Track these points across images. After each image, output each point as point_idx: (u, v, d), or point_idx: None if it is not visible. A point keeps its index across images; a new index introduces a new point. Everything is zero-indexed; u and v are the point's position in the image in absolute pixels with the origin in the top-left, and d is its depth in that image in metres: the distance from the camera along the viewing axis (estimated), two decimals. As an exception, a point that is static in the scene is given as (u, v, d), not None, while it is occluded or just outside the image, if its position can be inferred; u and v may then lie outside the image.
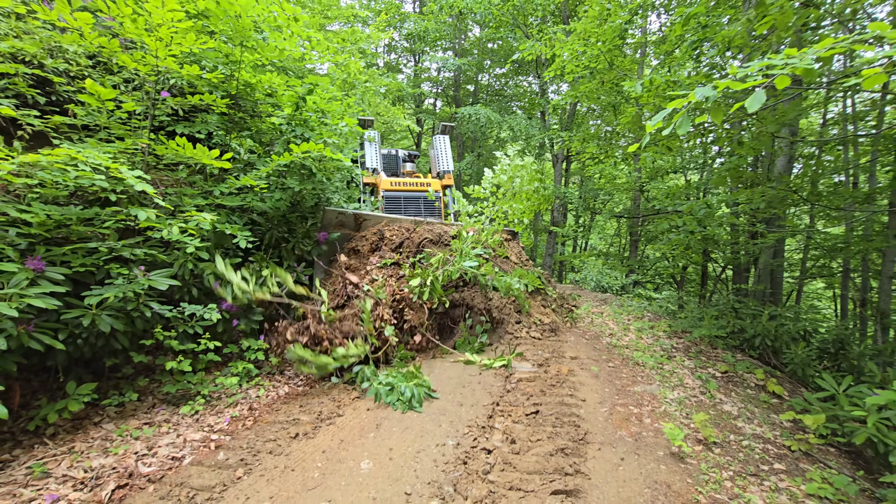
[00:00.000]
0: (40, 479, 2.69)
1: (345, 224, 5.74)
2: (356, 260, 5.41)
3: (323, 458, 2.97)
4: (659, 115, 1.96)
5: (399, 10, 21.25)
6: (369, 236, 5.61)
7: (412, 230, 5.71)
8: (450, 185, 8.01)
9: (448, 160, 8.26)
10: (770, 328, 6.51)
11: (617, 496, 2.66)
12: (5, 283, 2.74)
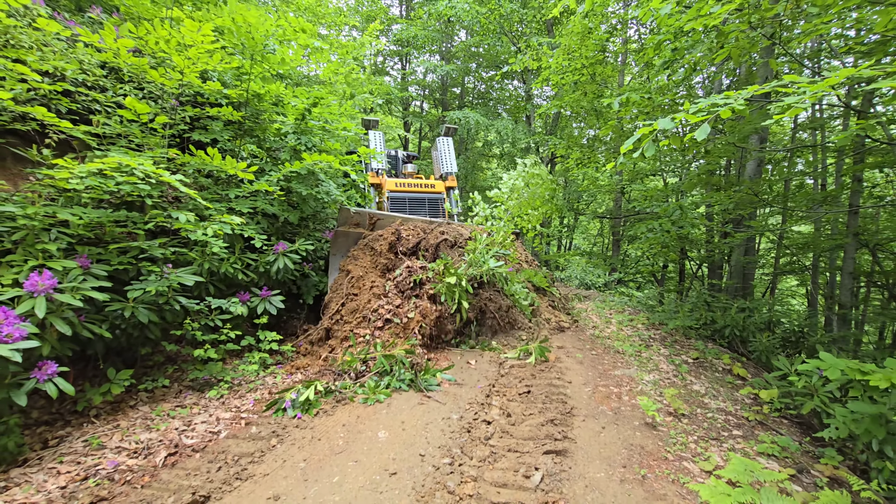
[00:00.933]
0: (98, 450, 3.06)
1: (360, 223, 5.93)
2: (371, 258, 5.64)
3: (344, 430, 3.39)
4: (630, 140, 2.44)
5: (387, 14, 21.63)
6: (387, 236, 5.70)
7: (428, 231, 5.78)
8: (453, 186, 8.10)
9: (451, 162, 8.31)
10: (739, 319, 7.10)
11: (599, 455, 3.14)
12: (63, 278, 3.10)
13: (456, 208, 7.72)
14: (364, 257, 5.67)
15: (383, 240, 5.66)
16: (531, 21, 14.50)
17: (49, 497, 2.53)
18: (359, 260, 5.63)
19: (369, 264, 5.61)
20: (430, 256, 5.57)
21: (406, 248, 5.56)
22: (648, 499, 2.67)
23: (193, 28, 3.66)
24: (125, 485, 2.70)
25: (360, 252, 5.71)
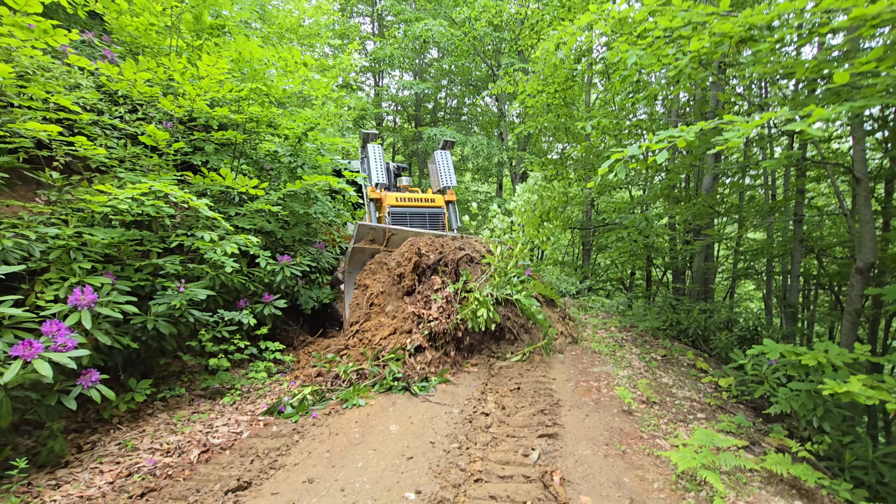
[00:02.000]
0: (132, 452, 3.31)
1: (375, 239, 5.98)
2: (388, 274, 5.65)
3: (357, 426, 3.75)
4: (605, 163, 2.96)
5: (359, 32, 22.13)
6: (408, 254, 5.58)
7: (446, 245, 5.69)
8: (452, 200, 7.95)
9: (451, 175, 8.12)
10: (701, 320, 7.79)
11: (585, 436, 3.60)
12: (99, 293, 3.37)
13: (456, 222, 7.73)
14: (381, 271, 5.67)
15: (405, 259, 5.54)
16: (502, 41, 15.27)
17: (101, 491, 2.79)
18: (376, 275, 5.70)
19: (387, 280, 5.55)
20: (449, 272, 5.51)
21: (426, 264, 5.50)
22: (628, 468, 3.15)
23: (211, 62, 4.01)
24: (168, 478, 2.98)
25: (376, 266, 5.75)
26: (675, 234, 10.78)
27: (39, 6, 3.02)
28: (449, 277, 5.46)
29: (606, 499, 2.77)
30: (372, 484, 2.84)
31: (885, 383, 2.81)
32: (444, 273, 5.49)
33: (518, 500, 2.67)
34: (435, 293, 5.22)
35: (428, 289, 5.32)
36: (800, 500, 3.00)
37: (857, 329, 7.53)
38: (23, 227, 3.09)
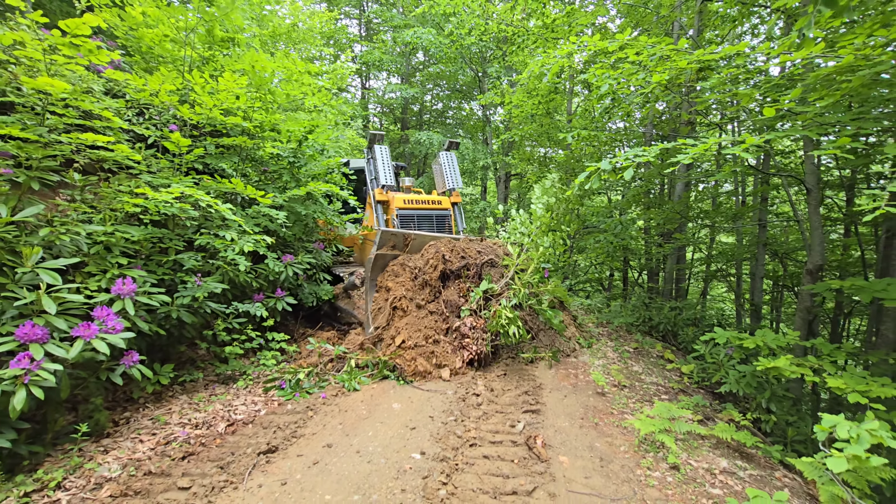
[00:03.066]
0: (164, 426, 3.72)
1: (396, 245, 6.08)
2: (410, 277, 5.73)
3: (363, 404, 4.21)
4: (582, 175, 3.50)
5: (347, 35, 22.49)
6: (432, 260, 5.65)
7: (468, 251, 5.76)
8: (458, 202, 7.92)
9: (456, 177, 8.00)
10: (671, 317, 8.45)
11: (563, 412, 4.14)
12: (139, 285, 3.77)
13: (462, 224, 7.80)
14: (403, 273, 5.74)
15: (429, 266, 5.59)
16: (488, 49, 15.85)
17: (146, 455, 3.21)
18: (399, 277, 5.76)
19: (411, 285, 5.63)
20: (472, 276, 5.61)
21: (450, 269, 5.59)
22: (599, 436, 3.69)
23: (232, 79, 4.44)
24: (201, 446, 3.41)
25: (399, 268, 5.85)
26: (649, 237, 11.49)
27: (89, 30, 3.41)
28: (472, 282, 5.55)
29: (581, 458, 3.30)
30: (383, 448, 3.32)
31: (808, 361, 3.41)
32: (467, 278, 5.59)
33: (507, 458, 3.18)
34: (463, 305, 5.32)
35: (453, 293, 5.43)
36: (741, 460, 3.58)
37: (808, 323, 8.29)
38: (72, 225, 3.47)
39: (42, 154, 3.37)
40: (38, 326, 2.79)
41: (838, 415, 2.35)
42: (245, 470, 2.98)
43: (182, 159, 5.11)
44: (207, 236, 4.57)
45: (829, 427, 2.23)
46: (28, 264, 3.00)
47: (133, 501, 2.64)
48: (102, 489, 2.74)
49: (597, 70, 4.49)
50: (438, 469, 2.99)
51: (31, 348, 2.70)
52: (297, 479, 2.88)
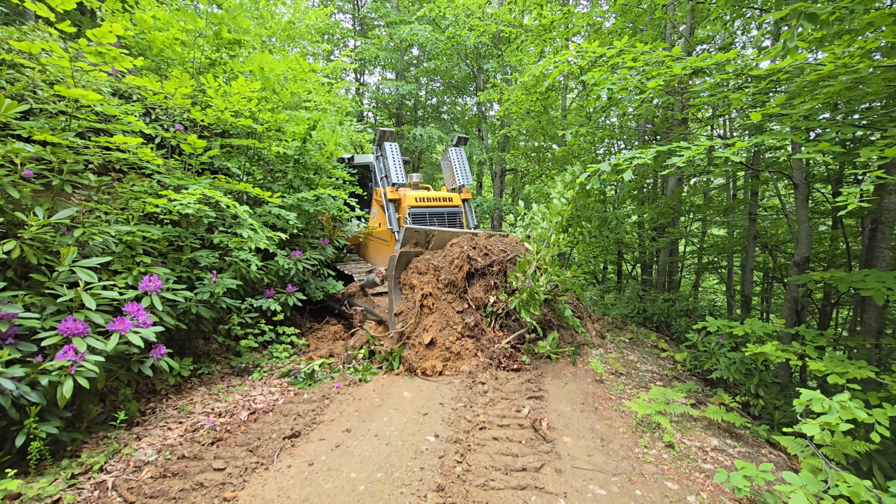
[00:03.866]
0: (189, 415, 3.93)
1: (418, 242, 6.10)
2: (434, 275, 5.75)
3: (376, 394, 4.44)
4: (583, 175, 3.73)
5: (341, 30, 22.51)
6: (457, 260, 5.64)
7: (492, 248, 5.76)
8: (468, 198, 7.92)
9: (466, 173, 7.96)
10: (664, 308, 8.75)
11: (565, 398, 4.39)
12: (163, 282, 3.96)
13: (473, 221, 7.79)
14: (429, 272, 5.73)
15: (455, 266, 5.60)
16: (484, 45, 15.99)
17: (177, 441, 3.42)
18: (424, 275, 5.76)
19: (435, 282, 5.66)
20: (496, 273, 5.63)
21: (475, 268, 5.64)
22: (599, 419, 3.95)
23: (245, 84, 4.61)
24: (228, 432, 3.62)
25: (423, 265, 5.83)
26: (643, 231, 11.78)
27: (114, 38, 3.57)
28: (497, 279, 5.59)
29: (583, 438, 3.55)
30: (399, 432, 3.55)
31: (793, 347, 3.68)
32: (492, 275, 5.64)
33: (514, 440, 3.43)
34: (490, 305, 5.42)
35: (479, 291, 5.51)
36: (730, 439, 3.85)
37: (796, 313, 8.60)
38: (101, 225, 3.65)
39: (73, 158, 3.54)
40: (80, 321, 2.98)
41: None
42: (273, 453, 3.20)
43: (196, 160, 5.28)
44: (223, 234, 4.76)
45: (805, 401, 2.48)
46: (65, 263, 3.18)
47: (173, 482, 2.85)
48: (143, 471, 2.96)
49: (596, 73, 4.71)
50: (453, 450, 3.23)
51: (75, 341, 2.90)
52: (322, 460, 3.11)
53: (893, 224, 6.30)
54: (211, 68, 6.08)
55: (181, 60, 5.82)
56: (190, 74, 5.55)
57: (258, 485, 2.81)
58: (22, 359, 2.88)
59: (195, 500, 2.64)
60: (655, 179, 12.18)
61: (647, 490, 2.89)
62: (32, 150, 3.30)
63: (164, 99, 4.87)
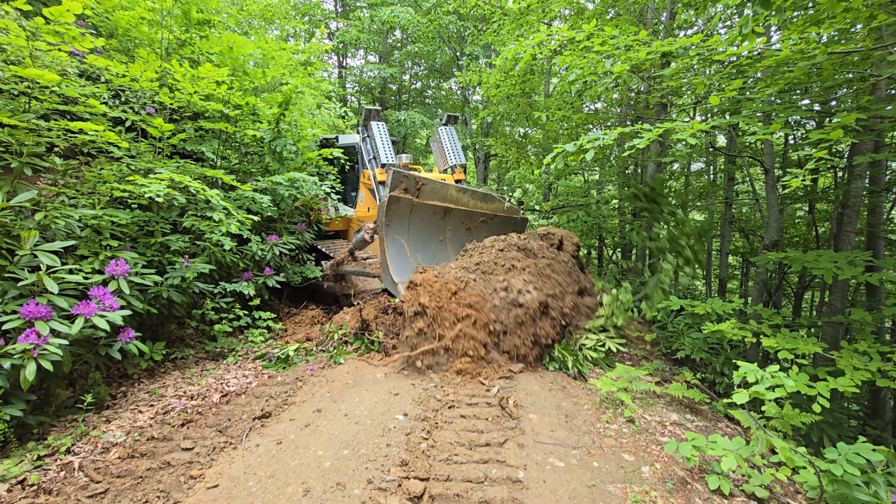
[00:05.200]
0: (160, 398, 3.95)
1: (408, 188, 5.72)
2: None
3: (349, 375, 4.51)
4: (550, 156, 3.78)
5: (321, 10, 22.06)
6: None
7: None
8: (462, 179, 7.49)
9: (458, 153, 7.56)
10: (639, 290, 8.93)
11: (534, 378, 4.51)
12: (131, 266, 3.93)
13: None
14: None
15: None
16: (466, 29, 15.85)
17: (147, 423, 3.45)
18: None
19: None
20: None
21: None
22: (566, 397, 4.07)
23: (213, 69, 4.54)
24: (199, 414, 3.66)
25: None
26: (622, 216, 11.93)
27: (72, 17, 3.49)
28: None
29: (548, 415, 3.67)
30: (368, 411, 3.62)
31: (750, 326, 3.82)
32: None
33: (482, 417, 3.53)
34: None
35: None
36: (690, 414, 4.01)
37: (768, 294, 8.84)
38: (64, 209, 3.61)
39: (33, 140, 3.48)
40: (42, 305, 2.97)
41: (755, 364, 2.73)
42: (242, 433, 3.25)
43: (164, 143, 5.21)
44: (194, 219, 4.73)
45: (742, 373, 2.61)
46: (27, 247, 3.15)
47: (140, 462, 2.89)
48: (110, 452, 2.99)
49: (567, 57, 4.73)
50: (420, 427, 3.31)
51: (37, 325, 2.89)
52: (291, 439, 3.17)
53: (859, 208, 6.51)
54: (180, 48, 5.95)
55: (149, 41, 5.68)
56: (158, 55, 5.43)
57: (225, 463, 2.86)
58: (-18, 343, 2.87)
59: (161, 479, 2.69)
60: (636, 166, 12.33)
61: (604, 462, 3.01)
62: (-11, 131, 3.24)
63: (130, 81, 4.77)
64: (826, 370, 3.37)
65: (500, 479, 2.71)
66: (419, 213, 6.00)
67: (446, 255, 6.42)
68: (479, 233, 6.87)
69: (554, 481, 2.75)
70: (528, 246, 5.55)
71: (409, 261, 5.77)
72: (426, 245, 6.17)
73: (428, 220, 6.18)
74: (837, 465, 2.35)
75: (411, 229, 5.93)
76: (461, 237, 6.69)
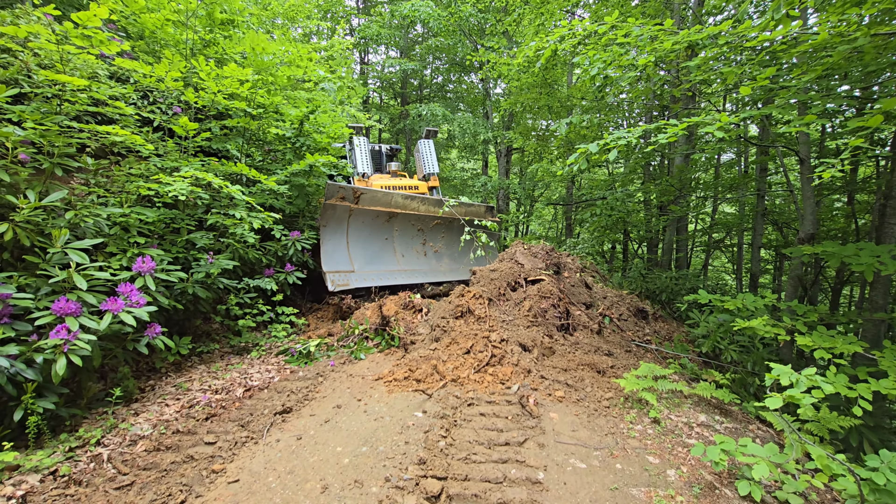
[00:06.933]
0: (186, 392, 4.04)
1: (345, 197, 6.53)
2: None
3: (368, 371, 4.52)
4: (573, 156, 3.68)
5: (344, 7, 22.16)
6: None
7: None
8: (436, 186, 8.79)
9: (433, 163, 8.92)
10: (669, 285, 8.71)
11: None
12: (157, 263, 4.03)
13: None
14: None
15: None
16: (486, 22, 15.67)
17: (173, 416, 3.53)
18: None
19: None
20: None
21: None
22: (588, 395, 3.98)
23: (236, 69, 4.60)
24: (222, 408, 3.73)
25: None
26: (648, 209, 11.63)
27: (99, 21, 3.57)
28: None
29: (569, 414, 3.59)
30: (387, 407, 3.62)
31: (783, 322, 3.65)
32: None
33: (501, 416, 3.48)
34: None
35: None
36: (719, 415, 3.87)
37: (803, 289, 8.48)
38: (93, 208, 3.71)
39: (63, 141, 3.58)
40: (72, 301, 3.06)
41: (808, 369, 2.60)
42: (264, 427, 3.30)
43: (189, 142, 5.31)
44: (218, 216, 4.81)
45: (775, 375, 2.48)
46: (57, 245, 3.26)
47: (165, 455, 2.96)
48: (137, 445, 3.07)
49: (589, 52, 4.60)
50: (438, 425, 3.29)
51: (68, 321, 2.98)
52: (311, 435, 3.19)
53: (903, 199, 6.14)
54: (205, 49, 6.05)
55: (174, 42, 5.79)
56: (183, 56, 5.53)
57: (247, 458, 2.90)
58: (17, 338, 2.97)
59: (185, 472, 2.74)
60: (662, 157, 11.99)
61: (627, 464, 2.92)
62: (22, 133, 3.35)
63: (156, 82, 4.87)
64: (867, 370, 3.19)
65: (520, 479, 2.67)
66: (360, 217, 6.94)
67: (391, 251, 7.54)
68: (435, 234, 8.16)
69: (575, 483, 2.69)
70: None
71: (347, 255, 6.82)
72: (368, 243, 7.21)
73: (370, 223, 7.16)
74: (880, 474, 2.21)
75: (351, 230, 6.90)
76: (410, 237, 7.86)
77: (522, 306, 5.31)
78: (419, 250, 7.98)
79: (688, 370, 4.92)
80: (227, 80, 4.82)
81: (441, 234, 8.15)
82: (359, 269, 6.88)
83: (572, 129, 6.54)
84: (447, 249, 8.37)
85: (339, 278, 6.46)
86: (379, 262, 7.22)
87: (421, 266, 7.85)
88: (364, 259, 7.03)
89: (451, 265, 8.33)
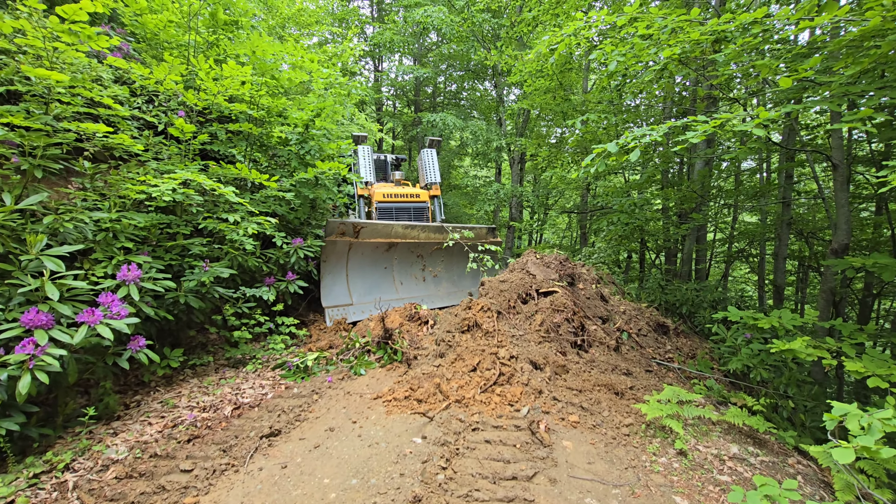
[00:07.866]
0: (172, 409, 3.79)
1: (346, 232, 6.39)
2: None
3: (367, 388, 4.22)
4: (589, 157, 3.36)
5: (359, 16, 22.21)
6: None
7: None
8: (437, 195, 8.88)
9: (435, 172, 8.99)
10: (689, 297, 8.27)
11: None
12: (141, 270, 3.80)
13: (440, 215, 8.67)
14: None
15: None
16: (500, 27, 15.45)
17: (153, 437, 3.27)
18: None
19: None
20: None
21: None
22: (605, 421, 3.62)
23: (236, 67, 4.39)
24: (207, 429, 3.46)
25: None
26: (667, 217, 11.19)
27: (86, 16, 3.39)
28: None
29: (584, 443, 3.24)
30: (384, 431, 3.32)
31: (826, 344, 3.26)
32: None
33: (509, 443, 3.14)
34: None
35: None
36: (753, 446, 3.47)
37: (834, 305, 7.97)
38: (77, 212, 3.50)
39: (45, 142, 3.39)
40: (43, 313, 2.83)
41: (854, 402, 2.23)
42: (247, 453, 3.02)
43: (188, 145, 5.12)
44: (212, 220, 4.59)
45: (839, 416, 2.11)
46: (32, 252, 3.04)
47: (137, 483, 2.69)
48: (108, 471, 2.81)
49: (606, 47, 4.29)
50: (438, 453, 2.97)
51: (36, 334, 2.75)
52: (297, 463, 2.90)
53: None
54: (208, 50, 5.89)
55: (176, 43, 5.64)
56: (185, 57, 5.36)
57: (223, 489, 2.62)
58: (-19, 352, 2.75)
59: (153, 506, 2.47)
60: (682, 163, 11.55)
61: (651, 505, 2.57)
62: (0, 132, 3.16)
63: (155, 84, 4.69)
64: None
65: (528, 523, 2.33)
66: (360, 249, 6.88)
67: (390, 279, 7.51)
68: (434, 259, 8.03)
69: (591, 529, 2.34)
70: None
71: (346, 288, 6.83)
72: (368, 273, 7.21)
73: (370, 255, 7.13)
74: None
75: (351, 263, 6.89)
76: (409, 264, 7.78)
77: (534, 320, 4.98)
78: (418, 276, 7.92)
79: (714, 392, 4.52)
80: (226, 80, 4.62)
81: (441, 258, 8.10)
82: (357, 301, 6.87)
83: (588, 128, 6.22)
84: (446, 273, 8.28)
85: (337, 313, 6.55)
86: (378, 292, 7.20)
87: (420, 292, 7.77)
88: (363, 290, 7.07)
89: (449, 289, 8.23)
